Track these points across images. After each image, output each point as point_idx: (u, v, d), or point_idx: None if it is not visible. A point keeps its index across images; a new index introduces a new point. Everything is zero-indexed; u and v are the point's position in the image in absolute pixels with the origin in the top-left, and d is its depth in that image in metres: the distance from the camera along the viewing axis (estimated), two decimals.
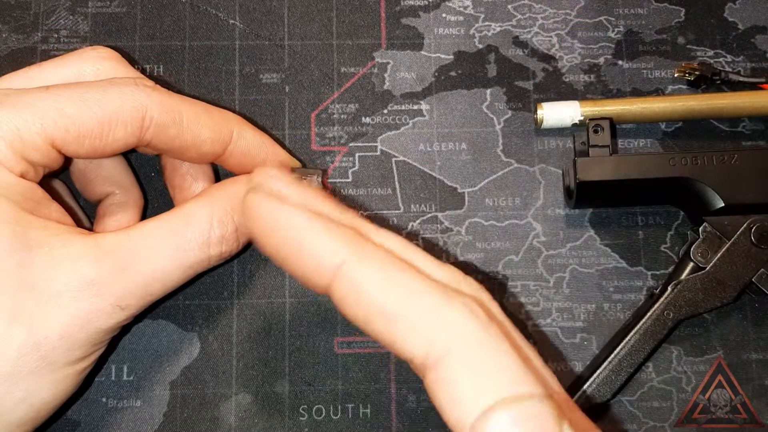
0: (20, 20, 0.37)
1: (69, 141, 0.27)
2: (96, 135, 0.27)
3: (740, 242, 0.32)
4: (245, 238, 0.30)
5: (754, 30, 0.37)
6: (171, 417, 0.32)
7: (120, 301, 0.26)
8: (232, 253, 0.30)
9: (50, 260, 0.25)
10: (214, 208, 0.29)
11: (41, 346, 0.25)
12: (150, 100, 0.28)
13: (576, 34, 0.37)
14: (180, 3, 0.37)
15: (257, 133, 0.31)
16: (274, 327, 0.34)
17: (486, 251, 0.35)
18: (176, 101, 0.29)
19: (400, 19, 0.37)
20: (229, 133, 0.30)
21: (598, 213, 0.35)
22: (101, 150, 0.28)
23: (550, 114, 0.35)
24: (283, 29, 0.37)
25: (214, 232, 0.29)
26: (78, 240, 0.26)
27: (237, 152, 0.31)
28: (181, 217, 0.28)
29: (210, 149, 0.30)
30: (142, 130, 0.28)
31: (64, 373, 0.26)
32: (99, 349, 0.28)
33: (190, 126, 0.29)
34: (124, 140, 0.28)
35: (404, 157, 0.36)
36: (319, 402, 0.33)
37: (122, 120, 0.27)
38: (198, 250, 0.28)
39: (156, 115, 0.28)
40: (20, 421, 0.26)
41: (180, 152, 0.30)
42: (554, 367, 0.33)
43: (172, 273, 0.28)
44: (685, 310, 0.32)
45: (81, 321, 0.26)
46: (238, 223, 0.29)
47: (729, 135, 0.36)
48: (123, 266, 0.26)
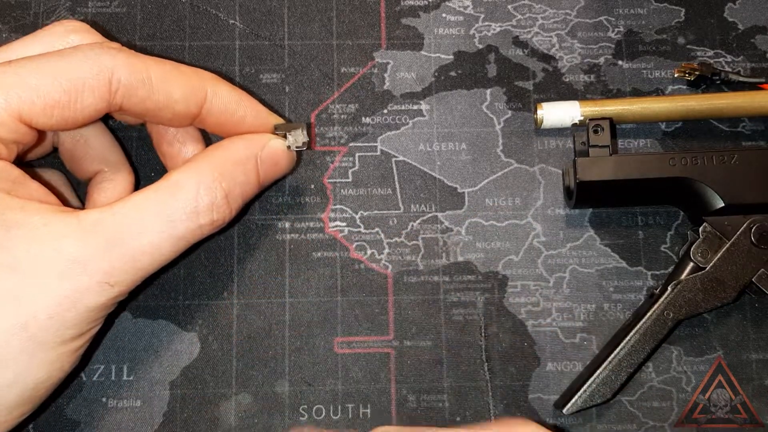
0: (20, 20, 0.37)
1: (36, 113, 0.26)
2: (63, 104, 0.26)
3: (740, 242, 0.32)
4: (238, 203, 0.29)
5: (754, 30, 0.37)
6: (171, 417, 0.32)
7: (108, 278, 0.26)
8: (225, 221, 0.29)
9: (31, 240, 0.25)
10: (200, 176, 0.28)
11: (29, 327, 0.25)
12: (115, 61, 0.27)
13: (576, 34, 0.37)
14: (180, 3, 0.37)
15: (234, 90, 0.30)
16: (274, 327, 0.34)
17: (486, 251, 0.35)
18: (143, 61, 0.28)
19: (400, 19, 0.37)
20: (203, 90, 0.29)
21: (598, 213, 0.35)
22: (72, 119, 0.27)
23: (550, 114, 0.35)
24: (283, 29, 0.37)
25: (202, 200, 0.28)
26: (60, 218, 0.26)
27: (214, 110, 0.30)
28: (166, 187, 0.28)
29: (184, 109, 0.29)
30: (110, 94, 0.27)
31: (57, 353, 0.26)
32: (94, 327, 0.27)
33: (160, 85, 0.28)
34: (93, 106, 0.27)
35: (404, 157, 0.36)
36: (319, 402, 0.33)
37: (89, 85, 0.26)
38: (187, 220, 0.27)
39: (123, 77, 0.27)
40: (16, 402, 0.26)
41: (154, 114, 0.29)
42: (554, 366, 0.33)
43: (161, 246, 0.27)
44: (685, 310, 0.32)
45: (69, 300, 0.25)
46: (227, 189, 0.29)
47: (729, 135, 0.36)
48: (108, 242, 0.26)
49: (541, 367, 0.33)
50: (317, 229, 0.35)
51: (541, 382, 0.33)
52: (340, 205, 0.35)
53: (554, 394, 0.33)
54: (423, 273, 0.34)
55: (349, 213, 0.35)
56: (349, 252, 0.34)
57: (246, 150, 0.30)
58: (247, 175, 0.30)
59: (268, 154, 0.31)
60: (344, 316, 0.34)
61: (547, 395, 0.33)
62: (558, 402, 0.32)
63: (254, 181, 0.30)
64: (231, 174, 0.29)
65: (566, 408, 0.31)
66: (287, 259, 0.34)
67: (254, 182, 0.30)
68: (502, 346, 0.34)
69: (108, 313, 0.27)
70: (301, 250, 0.34)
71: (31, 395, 0.26)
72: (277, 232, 0.35)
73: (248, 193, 0.30)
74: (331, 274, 0.34)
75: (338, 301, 0.34)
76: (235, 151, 0.30)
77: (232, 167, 0.29)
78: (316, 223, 0.35)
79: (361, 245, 0.35)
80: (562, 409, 0.31)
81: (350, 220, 0.35)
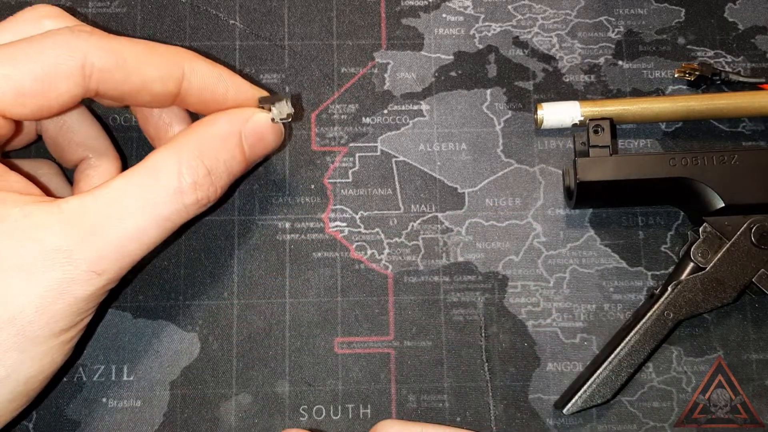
0: None
1: (9, 103, 0.25)
2: (37, 92, 0.26)
3: (740, 242, 0.32)
4: (223, 181, 0.29)
5: (754, 30, 0.37)
6: (171, 417, 0.32)
7: (95, 267, 0.25)
8: (211, 200, 0.28)
9: (12, 233, 0.25)
10: (181, 155, 0.27)
11: (17, 321, 0.24)
12: (88, 44, 0.26)
13: (576, 34, 0.37)
14: (180, 3, 0.37)
15: (212, 66, 0.29)
16: (274, 327, 0.34)
17: (486, 251, 0.35)
18: (116, 43, 0.27)
19: (401, 20, 0.37)
20: (179, 68, 0.28)
21: (598, 213, 0.35)
22: (47, 107, 0.26)
23: (550, 114, 0.35)
24: (283, 29, 0.37)
25: (185, 180, 0.27)
26: (40, 209, 0.25)
27: (194, 88, 0.29)
28: (147, 169, 0.27)
29: (162, 88, 0.28)
30: (84, 79, 0.26)
31: (48, 346, 0.25)
32: (85, 317, 0.27)
33: (136, 67, 0.27)
34: (68, 93, 0.26)
35: (404, 157, 0.36)
36: (319, 402, 0.33)
37: (62, 72, 0.26)
38: (171, 201, 0.27)
39: (97, 61, 0.26)
40: (9, 397, 0.25)
41: (133, 97, 0.28)
42: (554, 367, 0.33)
43: (146, 230, 0.26)
44: (685, 310, 0.32)
45: (56, 291, 0.25)
46: (210, 166, 0.28)
47: (729, 135, 0.36)
48: (92, 230, 0.25)
49: (541, 367, 0.33)
50: (317, 229, 0.35)
51: (541, 382, 0.33)
52: (340, 206, 0.35)
53: (554, 395, 0.33)
54: (423, 273, 0.34)
55: (350, 213, 0.35)
56: (350, 252, 0.34)
57: (228, 125, 0.29)
58: (231, 151, 0.29)
59: (253, 128, 0.30)
60: (344, 317, 0.34)
61: (547, 395, 0.33)
62: (558, 402, 0.33)
63: (239, 157, 0.29)
64: (213, 151, 0.28)
65: (566, 408, 0.31)
66: (287, 259, 0.34)
67: (240, 158, 0.29)
68: (503, 347, 0.34)
69: (98, 302, 0.27)
70: (302, 251, 0.34)
71: (24, 390, 0.26)
72: (278, 233, 0.35)
73: (235, 169, 0.29)
74: (331, 275, 0.34)
75: (338, 302, 0.34)
76: (217, 127, 0.29)
77: (215, 144, 0.28)
78: (317, 223, 0.35)
79: (362, 245, 0.35)
80: (562, 409, 0.31)
81: (350, 221, 0.35)
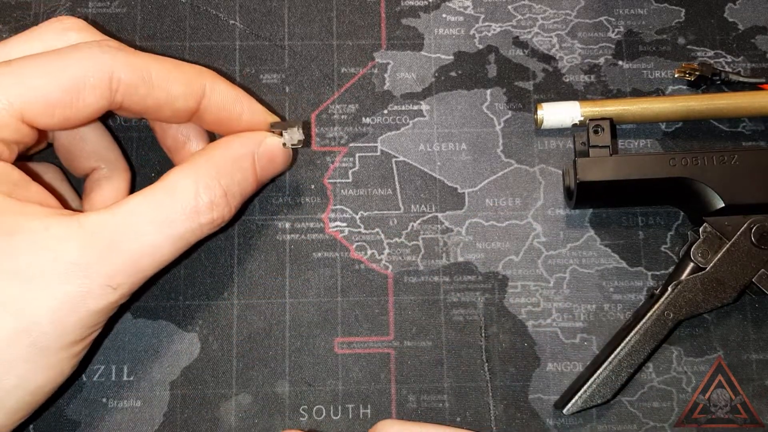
0: (20, 20, 0.36)
1: (38, 113, 0.26)
2: (65, 103, 0.26)
3: (740, 242, 0.32)
4: (237, 201, 0.30)
5: (754, 30, 0.37)
6: (171, 417, 0.32)
7: (110, 281, 0.26)
8: (225, 219, 0.29)
9: (32, 245, 0.25)
10: (198, 174, 0.28)
11: (31, 332, 0.25)
12: (115, 60, 0.27)
13: (576, 34, 0.37)
14: (180, 3, 0.37)
15: (231, 87, 0.30)
16: (274, 327, 0.34)
17: (486, 251, 0.35)
18: (143, 59, 0.28)
19: (401, 20, 0.37)
20: (201, 87, 0.29)
21: (598, 213, 0.35)
22: (74, 118, 0.27)
23: (550, 114, 0.35)
24: (284, 29, 0.37)
25: (202, 199, 0.28)
26: (60, 222, 0.26)
27: (212, 107, 0.30)
28: (165, 188, 0.28)
29: (183, 105, 0.29)
30: (111, 92, 0.27)
31: (58, 358, 0.26)
32: (95, 331, 0.27)
33: (161, 83, 0.28)
34: (94, 105, 0.27)
35: (404, 157, 0.36)
36: (319, 402, 0.33)
37: (89, 85, 0.27)
38: (187, 220, 0.27)
39: (123, 76, 0.27)
40: (16, 407, 0.26)
41: (155, 111, 0.29)
42: (554, 367, 0.33)
43: (161, 247, 0.27)
44: (685, 310, 0.32)
45: (71, 304, 0.25)
46: (226, 187, 0.29)
47: (729, 135, 0.36)
48: (109, 245, 0.26)
49: (542, 367, 0.33)
50: (317, 229, 0.35)
51: (542, 382, 0.33)
52: (340, 206, 0.35)
53: (554, 395, 0.33)
54: (423, 273, 0.34)
55: (350, 213, 0.35)
56: (350, 252, 0.34)
57: (243, 148, 0.30)
58: (245, 172, 0.30)
59: (265, 151, 0.31)
60: (344, 317, 0.34)
61: (547, 395, 0.33)
62: (558, 402, 0.33)
63: (252, 178, 0.30)
64: (229, 172, 0.29)
65: (566, 408, 0.31)
66: (287, 259, 0.34)
67: (252, 180, 0.30)
68: (503, 347, 0.34)
69: (109, 317, 0.27)
70: (302, 251, 0.34)
71: (31, 400, 0.26)
72: (278, 233, 0.35)
73: (246, 190, 0.30)
74: (331, 275, 0.34)
75: (338, 302, 0.34)
76: (233, 150, 0.30)
77: (230, 165, 0.29)
78: (317, 223, 0.35)
79: (362, 245, 0.35)
80: (562, 409, 0.31)
81: (350, 221, 0.35)
